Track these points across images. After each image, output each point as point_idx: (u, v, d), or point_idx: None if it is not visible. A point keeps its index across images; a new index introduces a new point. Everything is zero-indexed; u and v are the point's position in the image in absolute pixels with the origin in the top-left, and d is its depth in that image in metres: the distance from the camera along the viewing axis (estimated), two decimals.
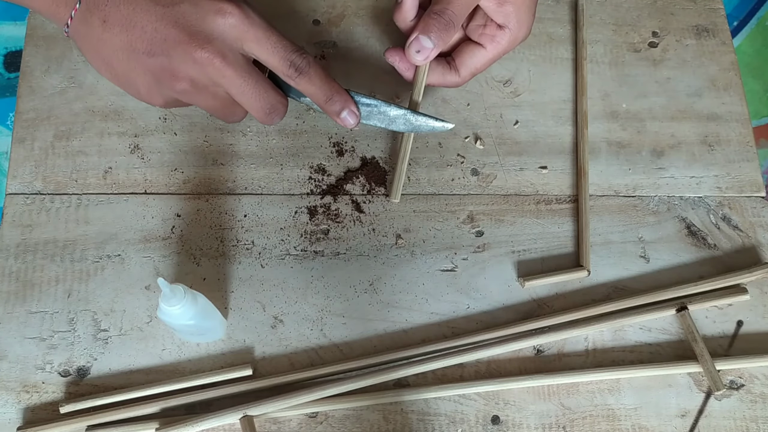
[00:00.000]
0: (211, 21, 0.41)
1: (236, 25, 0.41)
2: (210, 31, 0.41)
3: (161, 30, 0.40)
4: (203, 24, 0.41)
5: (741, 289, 0.50)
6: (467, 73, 0.51)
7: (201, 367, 0.47)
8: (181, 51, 0.40)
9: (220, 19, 0.41)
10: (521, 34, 0.50)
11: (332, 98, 0.46)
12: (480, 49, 0.50)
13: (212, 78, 0.42)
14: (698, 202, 0.54)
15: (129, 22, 0.40)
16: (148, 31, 0.40)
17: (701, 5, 0.61)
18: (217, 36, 0.41)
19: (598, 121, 0.56)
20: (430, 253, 0.51)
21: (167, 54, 0.41)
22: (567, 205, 0.53)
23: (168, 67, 0.41)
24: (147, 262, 0.49)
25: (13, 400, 0.46)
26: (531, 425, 0.47)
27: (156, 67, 0.41)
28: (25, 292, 0.48)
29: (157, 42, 0.41)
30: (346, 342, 0.48)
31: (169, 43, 0.40)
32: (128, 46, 0.41)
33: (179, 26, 0.40)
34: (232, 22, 0.41)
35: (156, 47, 0.41)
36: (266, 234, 0.51)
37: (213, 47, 0.41)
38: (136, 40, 0.41)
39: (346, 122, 0.47)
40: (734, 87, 0.58)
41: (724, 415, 0.47)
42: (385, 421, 0.46)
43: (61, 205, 0.51)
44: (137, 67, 0.42)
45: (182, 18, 0.40)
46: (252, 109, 0.45)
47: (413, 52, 0.48)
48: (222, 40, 0.41)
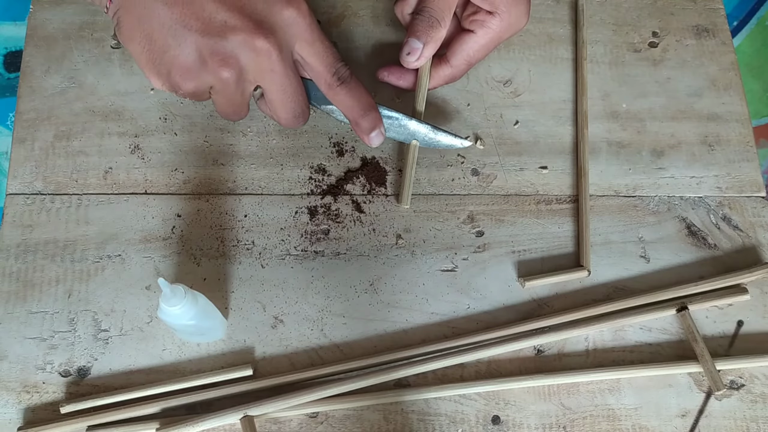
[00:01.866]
0: (278, 12, 0.41)
1: (299, 23, 0.41)
2: (275, 22, 0.41)
3: (222, 12, 0.39)
4: (270, 14, 0.40)
5: (741, 289, 0.50)
6: (460, 62, 0.51)
7: (201, 367, 0.47)
8: (243, 37, 0.40)
9: (286, 12, 0.41)
10: (513, 19, 0.49)
11: (366, 115, 0.47)
12: (470, 35, 0.50)
13: (262, 70, 0.41)
14: (698, 202, 0.54)
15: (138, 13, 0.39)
16: (208, 10, 0.39)
17: (701, 5, 0.61)
18: (279, 29, 0.41)
19: (598, 121, 0.56)
20: (430, 253, 0.51)
21: (224, 37, 0.40)
22: (567, 205, 0.53)
23: (221, 51, 0.40)
24: (147, 263, 0.49)
25: (13, 400, 0.46)
26: (531, 425, 0.47)
27: (207, 48, 0.40)
28: (26, 292, 0.48)
29: (216, 23, 0.39)
30: (346, 342, 0.48)
31: (230, 26, 0.40)
32: (180, 21, 0.39)
33: (244, 13, 0.40)
34: (296, 18, 0.41)
35: (213, 28, 0.40)
36: (266, 234, 0.51)
37: (275, 39, 0.41)
38: (191, 16, 0.39)
39: (372, 141, 0.48)
40: (734, 87, 0.58)
41: (724, 415, 0.47)
42: (386, 421, 0.46)
43: (62, 205, 0.51)
44: (183, 44, 0.40)
45: (249, 4, 0.40)
46: (284, 109, 0.45)
47: (405, 55, 0.49)
48: (283, 34, 0.41)
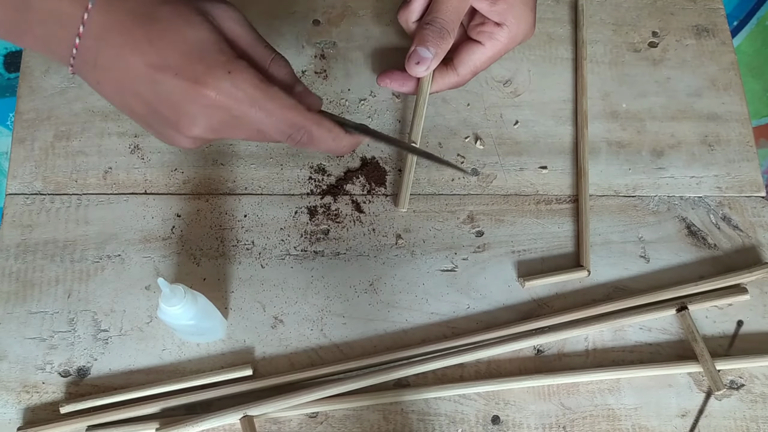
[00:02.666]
0: (188, 106, 0.38)
1: (218, 107, 0.38)
2: (193, 115, 0.38)
3: (148, 106, 0.38)
4: (182, 107, 0.38)
5: (741, 289, 0.50)
6: (466, 72, 0.51)
7: (201, 368, 0.47)
8: (171, 130, 0.39)
9: (198, 105, 0.38)
10: (520, 31, 0.50)
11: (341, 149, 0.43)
12: (479, 46, 0.50)
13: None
14: (698, 202, 0.54)
15: (119, 88, 0.38)
16: (139, 102, 0.38)
17: (701, 5, 0.61)
18: (200, 121, 0.39)
19: (598, 121, 0.56)
20: (430, 253, 0.51)
21: (159, 130, 0.40)
22: (567, 205, 0.53)
23: (165, 136, 0.40)
24: (147, 263, 0.49)
25: (13, 400, 0.46)
26: (531, 425, 0.47)
27: (154, 129, 0.40)
28: (25, 292, 0.48)
29: (150, 114, 0.39)
30: (346, 342, 0.48)
31: (159, 119, 0.39)
32: (125, 106, 0.39)
33: (162, 107, 0.38)
34: (209, 104, 0.38)
35: (150, 118, 0.39)
36: (266, 234, 0.51)
37: (198, 132, 0.39)
38: (131, 104, 0.39)
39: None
40: (734, 87, 0.58)
41: (724, 415, 0.47)
42: (386, 421, 0.46)
43: (61, 205, 0.51)
44: (138, 119, 0.40)
45: (165, 99, 0.38)
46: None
47: (413, 64, 0.49)
48: (205, 126, 0.39)
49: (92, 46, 0.37)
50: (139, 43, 0.37)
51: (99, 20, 0.37)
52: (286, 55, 0.56)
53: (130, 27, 0.37)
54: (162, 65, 0.37)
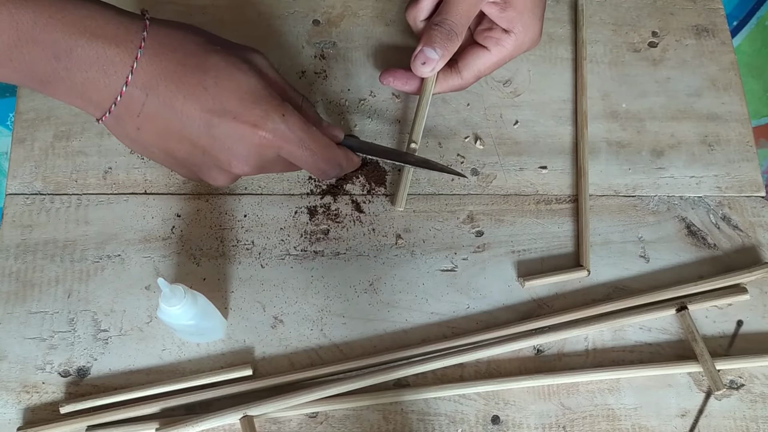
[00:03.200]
0: (245, 146, 0.41)
1: (271, 147, 0.42)
2: (246, 155, 0.42)
3: (201, 147, 0.41)
4: (239, 147, 0.41)
5: (741, 289, 0.50)
6: (470, 75, 0.51)
7: (201, 368, 0.47)
8: (215, 173, 0.43)
9: (252, 147, 0.41)
10: (527, 39, 0.50)
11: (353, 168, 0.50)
12: (485, 51, 0.50)
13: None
14: (698, 201, 0.54)
15: (162, 133, 0.40)
16: (185, 146, 0.41)
17: (701, 5, 0.61)
18: (251, 160, 0.42)
19: (598, 121, 0.56)
20: (430, 253, 0.51)
21: (202, 171, 0.43)
22: (567, 205, 0.53)
23: (206, 177, 0.43)
24: (147, 263, 0.49)
25: (13, 400, 0.46)
26: (531, 425, 0.47)
27: (193, 173, 0.43)
28: (25, 292, 0.48)
29: (193, 157, 0.42)
30: (346, 342, 0.48)
31: (206, 162, 0.42)
32: (163, 152, 0.42)
33: (217, 148, 0.41)
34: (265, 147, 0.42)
35: (192, 160, 0.42)
36: (266, 234, 0.51)
37: (247, 170, 0.42)
38: (174, 148, 0.41)
39: None
40: (734, 87, 0.58)
41: (724, 414, 0.47)
42: (385, 421, 0.46)
43: (61, 205, 0.51)
44: (174, 164, 0.43)
45: (219, 140, 0.41)
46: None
47: (419, 64, 0.49)
48: (255, 164, 0.42)
49: (140, 94, 0.38)
50: (194, 90, 0.39)
51: (149, 69, 0.38)
52: (286, 55, 0.56)
53: (182, 75, 0.39)
54: (220, 110, 0.39)
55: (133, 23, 0.39)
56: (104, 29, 0.37)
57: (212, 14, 0.58)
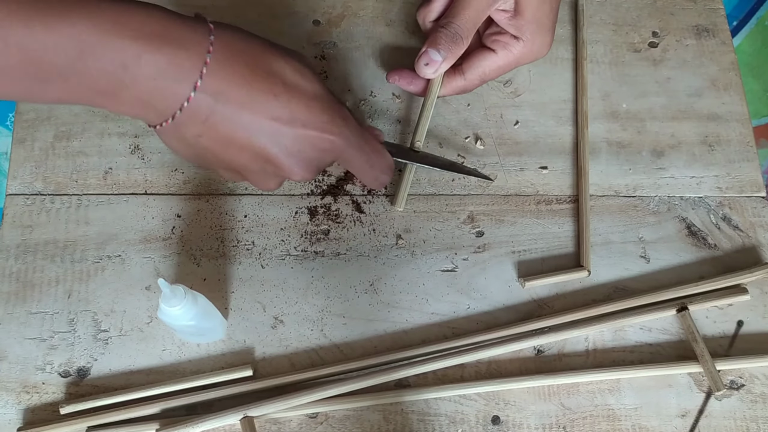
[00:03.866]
0: (312, 151, 0.40)
1: (335, 151, 0.41)
2: (311, 160, 0.41)
3: (265, 154, 0.39)
4: (307, 154, 0.40)
5: (741, 289, 0.50)
6: (474, 77, 0.51)
7: (201, 368, 0.47)
8: (275, 179, 0.42)
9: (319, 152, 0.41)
10: (535, 48, 0.50)
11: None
12: (491, 54, 0.50)
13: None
14: (698, 202, 0.54)
15: (225, 140, 0.38)
16: (248, 154, 0.39)
17: (701, 5, 0.61)
18: (315, 165, 0.41)
19: (599, 121, 0.56)
20: (430, 253, 0.51)
21: (259, 177, 0.41)
22: (567, 206, 0.53)
23: (261, 185, 0.42)
24: (147, 263, 0.49)
25: (13, 400, 0.46)
26: (531, 425, 0.47)
27: (248, 179, 0.42)
28: (26, 292, 0.48)
29: (254, 164, 0.40)
30: (346, 342, 0.48)
31: (269, 168, 0.40)
32: (224, 158, 0.40)
33: (283, 155, 0.39)
34: (330, 152, 0.41)
35: (252, 169, 0.41)
36: (266, 234, 0.51)
37: (309, 175, 0.41)
38: (236, 155, 0.39)
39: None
40: (734, 87, 0.58)
41: (724, 415, 0.47)
42: (386, 421, 0.46)
43: (62, 205, 0.51)
44: (230, 174, 0.42)
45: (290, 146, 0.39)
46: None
47: (422, 65, 0.49)
48: (317, 168, 0.42)
49: (209, 99, 0.36)
50: (265, 97, 0.37)
51: (219, 74, 0.36)
52: None
53: (252, 81, 0.37)
54: (289, 118, 0.38)
55: (199, 26, 0.36)
56: (171, 33, 0.35)
57: (212, 15, 0.57)
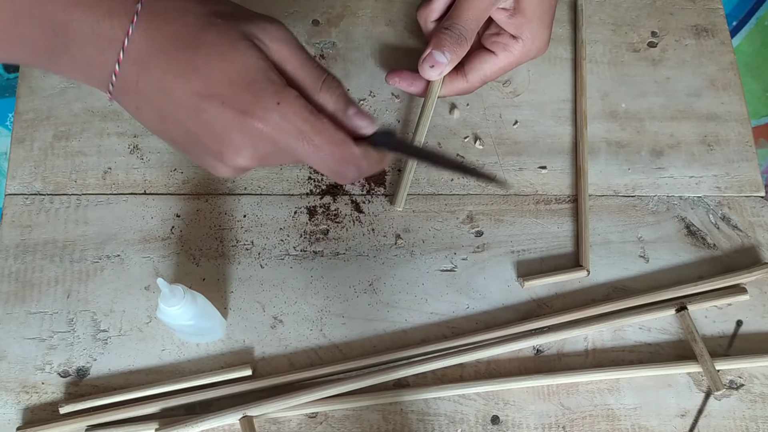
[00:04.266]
0: (234, 136, 0.36)
1: (264, 139, 0.36)
2: (238, 144, 0.37)
3: (191, 135, 0.36)
4: (229, 136, 0.36)
5: (740, 289, 0.50)
6: (476, 79, 0.51)
7: (201, 368, 0.47)
8: (211, 159, 0.38)
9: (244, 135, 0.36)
10: (534, 47, 0.50)
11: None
12: (491, 56, 0.50)
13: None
14: (697, 201, 0.54)
15: (161, 114, 0.37)
16: (180, 130, 0.37)
17: (700, 5, 0.61)
18: (245, 152, 0.37)
19: (598, 121, 0.56)
20: (429, 253, 0.51)
21: (200, 158, 0.38)
22: (566, 205, 0.53)
23: (204, 164, 0.38)
24: (146, 263, 0.49)
25: (12, 400, 0.46)
26: (531, 425, 0.47)
27: (194, 157, 0.39)
28: (25, 292, 0.48)
29: (191, 144, 0.37)
30: (345, 342, 0.48)
31: (202, 148, 0.37)
32: (164, 133, 0.38)
33: (206, 136, 0.36)
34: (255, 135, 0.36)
35: (191, 147, 0.38)
36: (266, 234, 0.51)
37: (242, 162, 0.37)
38: (170, 131, 0.37)
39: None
40: (733, 87, 0.58)
41: (723, 414, 0.47)
42: (385, 421, 0.46)
43: (61, 205, 0.51)
44: (177, 147, 0.39)
45: (209, 127, 0.36)
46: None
47: (427, 67, 0.49)
48: (250, 156, 0.37)
49: (133, 71, 0.35)
50: (184, 69, 0.35)
51: (140, 44, 0.35)
52: None
53: (174, 52, 0.35)
54: (209, 93, 0.35)
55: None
56: (99, 2, 0.34)
57: None
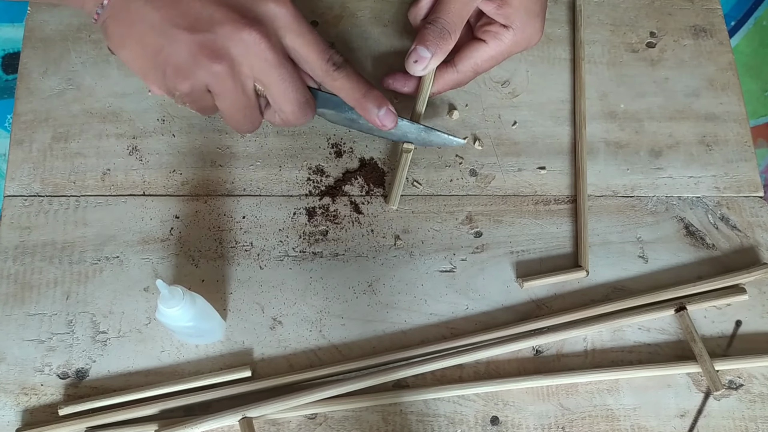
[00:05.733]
0: (262, 5, 0.41)
1: (285, 15, 0.42)
2: (260, 13, 0.41)
3: (208, 8, 0.40)
4: (254, 6, 0.41)
5: (739, 289, 0.50)
6: (467, 69, 0.51)
7: (200, 369, 0.47)
8: (229, 29, 0.40)
9: (271, 4, 0.42)
10: (526, 35, 0.50)
11: (368, 95, 0.46)
12: (482, 44, 0.50)
13: (253, 61, 0.42)
14: (696, 202, 0.54)
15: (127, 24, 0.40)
16: (194, 7, 0.40)
17: (699, 5, 0.61)
18: (266, 20, 0.42)
19: (597, 122, 0.56)
20: (428, 254, 0.51)
21: (212, 31, 0.40)
22: (565, 206, 0.53)
23: (210, 44, 0.41)
24: (145, 264, 0.49)
25: (11, 402, 0.45)
26: (530, 426, 0.47)
27: (196, 43, 0.41)
28: (24, 294, 0.48)
29: (203, 19, 0.40)
30: (345, 343, 0.48)
31: (216, 20, 0.40)
32: (169, 21, 0.40)
33: (229, 5, 0.41)
34: (281, 10, 0.42)
35: (200, 24, 0.40)
36: (265, 235, 0.51)
37: (262, 28, 0.41)
38: (178, 16, 0.40)
39: (383, 121, 0.47)
40: (732, 87, 0.58)
41: (723, 415, 0.47)
42: (385, 422, 0.46)
43: (60, 207, 0.51)
44: (173, 43, 0.41)
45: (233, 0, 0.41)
46: (287, 100, 0.44)
47: (412, 62, 0.49)
48: (270, 25, 0.42)
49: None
50: None
51: None
52: None
53: None
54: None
55: None
56: None
57: None
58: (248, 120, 0.46)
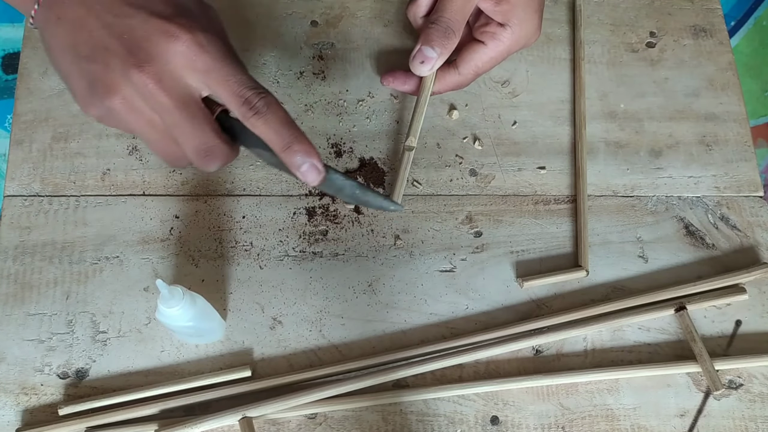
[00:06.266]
0: (155, 42, 0.37)
1: (183, 52, 0.37)
2: (153, 51, 0.37)
3: (105, 38, 0.37)
4: (147, 43, 0.37)
5: (739, 289, 0.50)
6: (468, 71, 0.51)
7: (200, 369, 0.47)
8: (120, 65, 0.37)
9: (164, 43, 0.37)
10: (524, 33, 0.50)
11: (290, 148, 0.39)
12: (481, 46, 0.50)
13: (147, 101, 0.38)
14: (696, 202, 0.54)
15: (79, 23, 0.38)
16: (94, 36, 0.37)
17: (698, 5, 0.61)
18: (159, 59, 0.37)
19: (596, 122, 0.56)
20: (428, 253, 0.51)
21: (106, 63, 0.38)
22: (565, 206, 0.53)
23: (103, 77, 0.38)
24: (145, 264, 0.49)
25: (11, 402, 0.45)
26: (530, 425, 0.47)
27: (92, 74, 0.38)
28: (24, 294, 0.48)
29: (98, 49, 0.37)
30: (344, 343, 0.48)
31: (110, 53, 0.37)
32: (73, 47, 0.38)
33: (123, 39, 0.37)
34: (178, 48, 0.37)
35: (96, 54, 0.38)
36: (265, 235, 0.51)
37: (151, 69, 0.37)
38: (80, 43, 0.38)
39: (307, 176, 0.40)
40: (732, 87, 0.58)
41: (723, 414, 0.47)
42: (384, 422, 0.46)
43: (60, 207, 0.51)
44: (76, 70, 0.39)
45: (129, 31, 0.37)
46: (186, 146, 0.39)
47: (418, 63, 0.49)
48: (164, 64, 0.37)
49: None
50: None
51: None
52: (284, 56, 0.56)
53: None
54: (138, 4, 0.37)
55: None
56: None
57: None
58: (174, 156, 0.41)
